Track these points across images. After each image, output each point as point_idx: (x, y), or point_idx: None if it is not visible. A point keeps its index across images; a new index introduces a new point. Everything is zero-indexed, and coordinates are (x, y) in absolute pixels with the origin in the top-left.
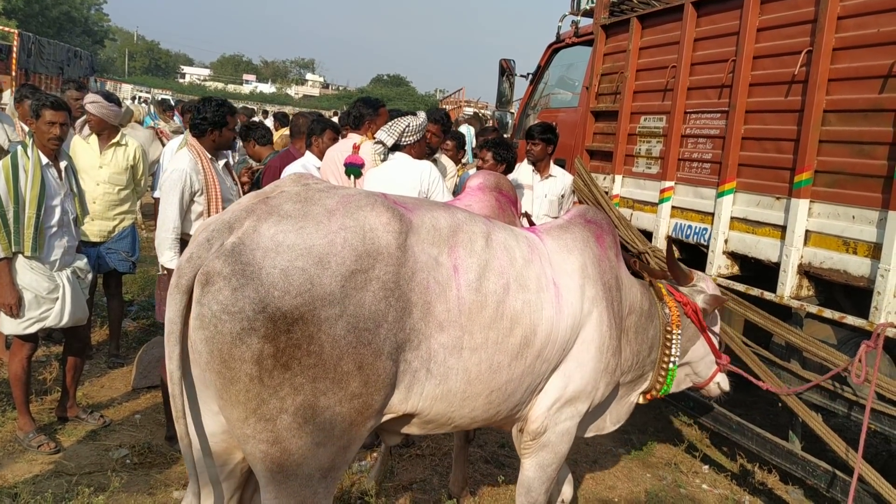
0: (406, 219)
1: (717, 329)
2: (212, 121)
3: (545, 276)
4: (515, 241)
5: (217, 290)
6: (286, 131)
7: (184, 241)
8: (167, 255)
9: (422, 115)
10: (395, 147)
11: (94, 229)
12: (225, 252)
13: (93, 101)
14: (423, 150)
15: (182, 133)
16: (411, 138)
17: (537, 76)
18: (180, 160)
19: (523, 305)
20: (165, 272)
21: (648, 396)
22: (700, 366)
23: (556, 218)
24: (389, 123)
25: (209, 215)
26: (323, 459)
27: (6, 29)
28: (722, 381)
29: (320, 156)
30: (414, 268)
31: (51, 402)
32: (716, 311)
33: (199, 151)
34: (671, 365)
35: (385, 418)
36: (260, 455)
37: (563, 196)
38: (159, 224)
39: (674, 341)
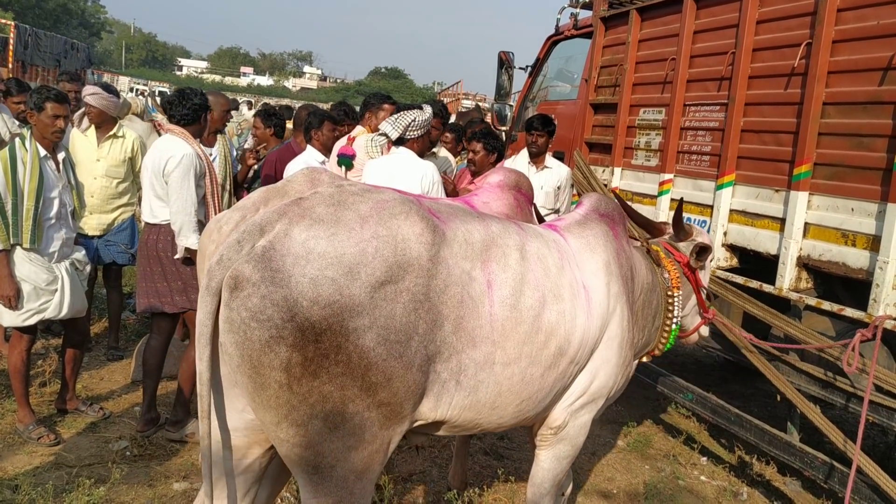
0: (440, 230)
1: (706, 280)
2: (203, 105)
3: (576, 280)
4: (547, 248)
5: (246, 297)
6: (289, 124)
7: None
8: (193, 238)
9: (428, 109)
10: (400, 140)
11: (92, 223)
12: (255, 257)
13: (93, 92)
14: (427, 145)
15: None
16: (416, 132)
17: (536, 69)
18: (180, 146)
19: (558, 316)
20: (189, 254)
21: (651, 353)
22: (688, 320)
23: (552, 210)
24: (395, 116)
25: (212, 198)
26: (356, 462)
27: (3, 21)
28: (702, 330)
29: (322, 149)
30: (447, 281)
31: (50, 395)
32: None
33: (189, 139)
34: (674, 325)
35: (415, 424)
36: (295, 458)
37: (559, 188)
38: (178, 208)
39: (676, 303)
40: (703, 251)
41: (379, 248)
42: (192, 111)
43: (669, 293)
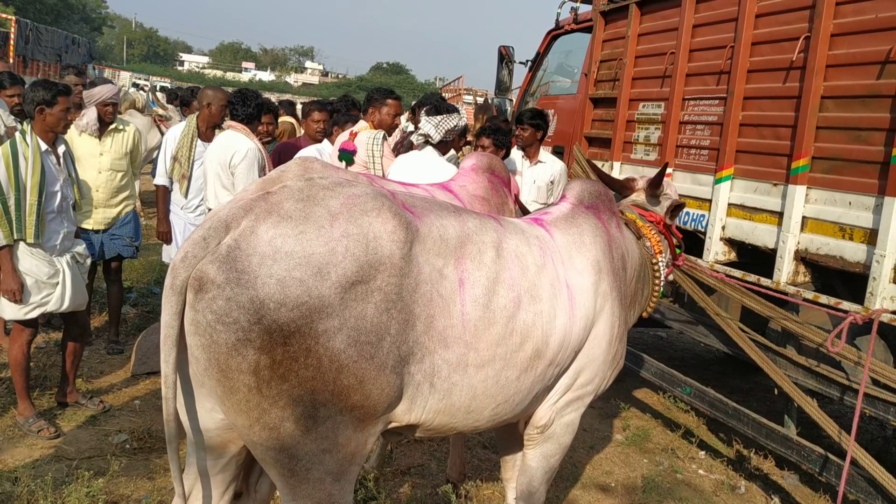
0: (413, 226)
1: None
2: (262, 105)
3: (558, 279)
4: (527, 246)
5: (211, 299)
6: (290, 119)
7: None
8: None
9: (464, 115)
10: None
11: (98, 217)
12: (220, 257)
13: (112, 95)
14: (449, 150)
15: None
16: (451, 137)
17: (536, 63)
18: (243, 141)
19: (535, 318)
20: None
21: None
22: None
23: (545, 204)
24: (439, 119)
25: None
26: (332, 464)
27: (4, 15)
28: (670, 276)
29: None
30: (418, 279)
31: (51, 388)
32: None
33: (250, 134)
34: (661, 289)
35: (389, 426)
36: (270, 461)
37: (552, 182)
38: None
39: (660, 269)
40: (677, 208)
41: (349, 247)
42: (256, 109)
43: (654, 261)
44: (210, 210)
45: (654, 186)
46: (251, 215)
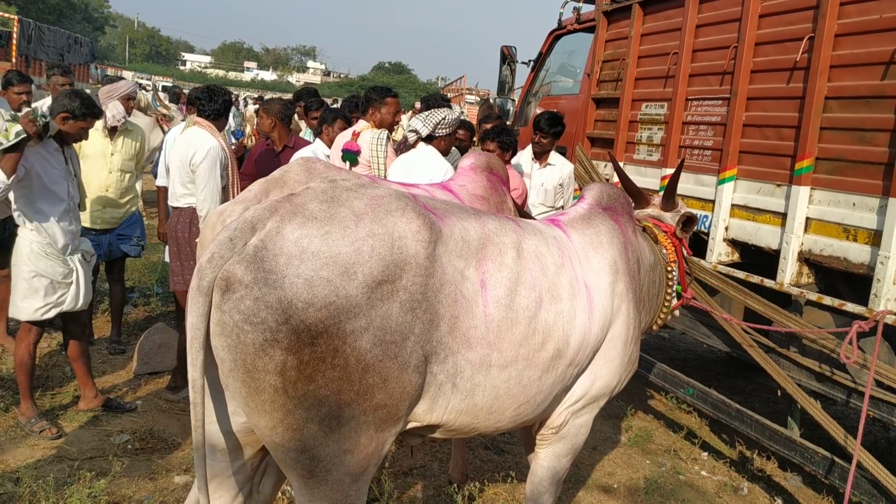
0: (436, 227)
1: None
2: (230, 102)
3: (577, 279)
4: (546, 246)
5: (238, 299)
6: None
7: None
8: None
9: (457, 109)
10: (429, 137)
11: (105, 217)
12: (247, 257)
13: (133, 89)
14: (451, 145)
15: (176, 120)
16: (444, 131)
17: (539, 63)
18: (207, 139)
19: (556, 317)
20: None
21: (649, 330)
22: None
23: (552, 207)
24: (426, 113)
25: (231, 188)
26: (351, 465)
27: (6, 15)
28: (676, 311)
29: (329, 144)
30: (442, 279)
31: (53, 389)
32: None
33: (215, 132)
34: (673, 299)
35: (409, 426)
36: (291, 462)
37: (561, 185)
38: (205, 196)
39: (674, 277)
40: (689, 221)
41: (375, 247)
42: (223, 106)
43: (669, 268)
44: (172, 208)
45: (669, 193)
46: (276, 216)
